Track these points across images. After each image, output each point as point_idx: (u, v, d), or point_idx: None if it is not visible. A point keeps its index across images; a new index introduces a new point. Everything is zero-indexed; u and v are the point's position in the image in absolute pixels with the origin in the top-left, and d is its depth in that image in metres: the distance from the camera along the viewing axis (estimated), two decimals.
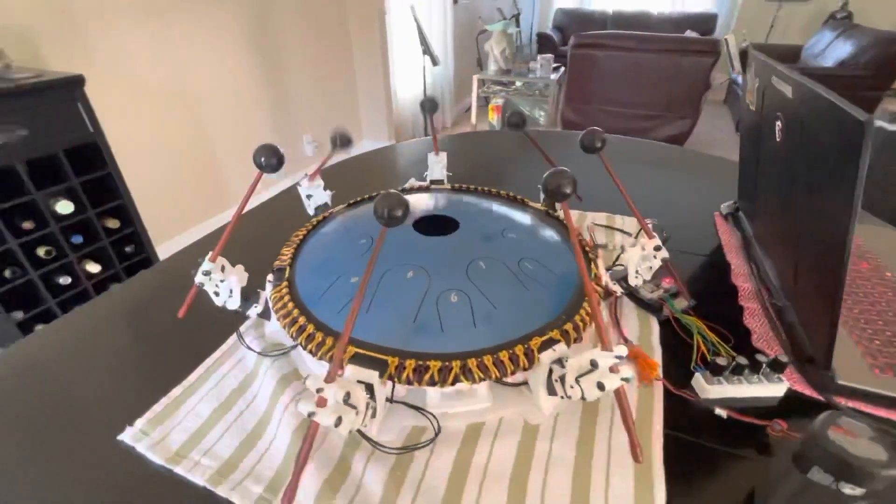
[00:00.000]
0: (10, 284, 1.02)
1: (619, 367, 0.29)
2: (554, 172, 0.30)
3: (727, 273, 0.53)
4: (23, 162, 0.99)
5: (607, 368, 0.29)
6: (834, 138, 0.31)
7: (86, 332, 0.48)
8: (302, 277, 0.42)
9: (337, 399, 0.27)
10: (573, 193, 0.30)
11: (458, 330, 0.35)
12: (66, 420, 0.37)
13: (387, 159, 0.93)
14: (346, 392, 0.27)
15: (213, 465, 0.32)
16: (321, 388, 0.27)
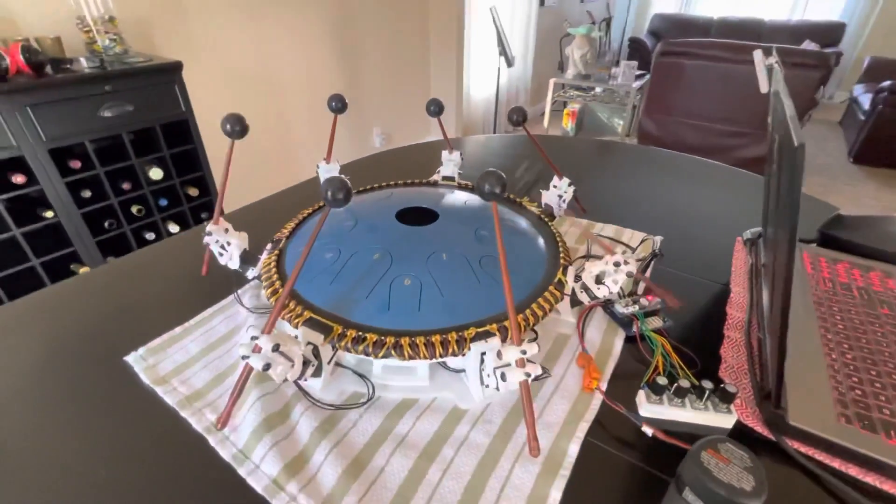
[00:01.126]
0: (108, 234, 1.21)
1: (526, 362, 0.31)
2: (486, 173, 0.32)
3: (724, 301, 0.50)
4: (127, 133, 1.18)
5: (514, 361, 0.31)
6: (785, 162, 0.30)
7: (129, 274, 0.57)
8: (292, 249, 0.47)
9: (267, 348, 0.32)
10: (502, 194, 0.32)
11: (402, 310, 0.38)
12: (92, 338, 0.46)
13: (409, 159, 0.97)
14: (275, 343, 0.32)
15: (185, 392, 0.39)
16: (256, 337, 0.32)
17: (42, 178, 1.06)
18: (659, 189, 0.79)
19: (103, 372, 0.41)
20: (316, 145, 2.19)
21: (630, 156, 0.95)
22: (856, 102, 3.23)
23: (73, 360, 0.43)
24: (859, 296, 0.48)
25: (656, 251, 0.53)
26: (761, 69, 0.50)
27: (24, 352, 0.44)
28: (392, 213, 0.48)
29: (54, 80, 1.02)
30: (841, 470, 0.32)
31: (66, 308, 0.51)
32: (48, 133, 1.05)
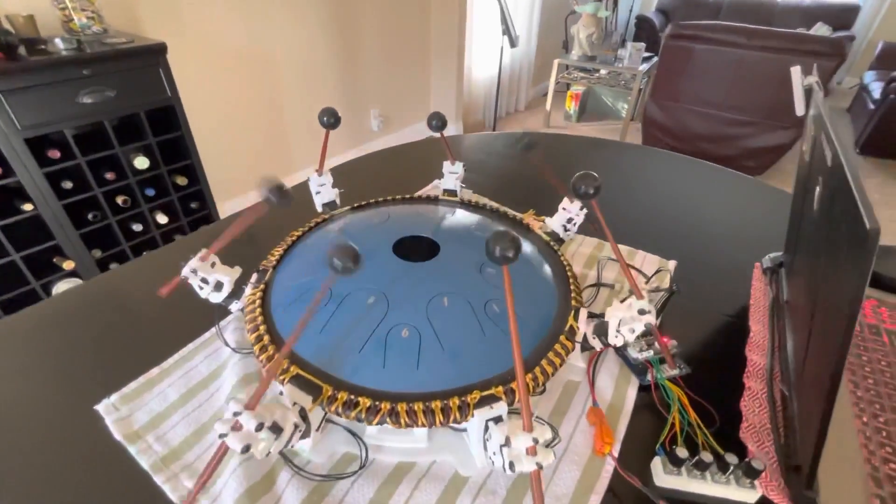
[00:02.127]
0: (91, 226, 1.16)
1: (536, 449, 0.27)
2: (498, 234, 0.28)
3: (743, 339, 0.47)
4: (109, 120, 1.11)
5: (523, 449, 0.28)
6: (848, 230, 0.26)
7: (96, 300, 0.53)
8: (279, 283, 0.43)
9: (249, 428, 0.28)
10: (516, 258, 0.28)
11: (399, 369, 0.34)
12: (62, 378, 0.42)
13: (409, 157, 0.91)
14: (259, 423, 0.28)
15: (160, 451, 0.35)
16: (238, 413, 0.28)
17: (19, 170, 1.00)
18: (670, 198, 0.75)
19: (72, 422, 0.38)
20: (308, 130, 2.11)
21: (634, 157, 0.90)
22: (866, 90, 3.14)
23: (41, 404, 0.40)
24: (889, 342, 0.45)
25: (673, 288, 0.50)
26: (798, 89, 0.45)
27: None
28: (389, 243, 0.44)
29: (28, 64, 0.95)
30: None
31: (37, 338, 0.47)
32: (23, 121, 0.98)
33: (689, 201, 0.75)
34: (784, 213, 0.55)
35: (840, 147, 0.29)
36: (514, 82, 3.37)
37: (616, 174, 0.84)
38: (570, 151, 0.93)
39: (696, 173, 0.85)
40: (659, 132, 2.74)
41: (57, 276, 1.16)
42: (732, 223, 0.70)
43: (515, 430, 0.28)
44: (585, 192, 0.38)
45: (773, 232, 0.64)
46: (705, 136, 2.57)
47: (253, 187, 1.96)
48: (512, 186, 0.78)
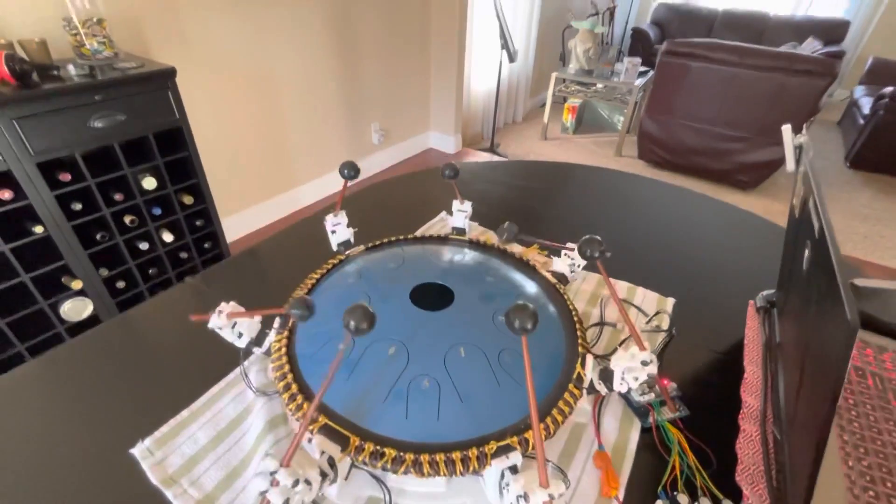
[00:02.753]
0: (99, 246, 1.18)
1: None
2: (517, 307, 0.31)
3: (739, 379, 0.50)
4: (118, 142, 1.13)
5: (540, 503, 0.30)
6: (831, 314, 0.29)
7: (118, 340, 0.55)
8: (302, 330, 0.46)
9: (287, 484, 0.30)
10: (534, 329, 0.31)
11: (421, 419, 0.37)
12: (93, 422, 0.44)
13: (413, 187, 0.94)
14: (295, 480, 0.30)
15: (196, 497, 0.38)
16: (276, 472, 0.31)
17: (30, 193, 1.02)
18: (668, 231, 0.78)
19: (108, 466, 0.40)
20: (314, 147, 2.13)
21: (632, 187, 0.93)
22: (856, 105, 3.22)
23: (76, 447, 0.42)
24: (874, 384, 0.48)
25: (673, 332, 0.53)
26: (789, 146, 0.48)
27: (18, 440, 0.43)
28: (406, 290, 0.47)
29: (42, 92, 0.97)
30: None
31: (64, 380, 0.49)
32: (36, 146, 1.00)
33: (686, 234, 0.78)
34: (778, 246, 0.58)
35: (826, 227, 0.32)
36: (513, 94, 3.41)
37: (614, 205, 0.87)
38: (569, 179, 0.96)
39: (693, 204, 0.88)
40: (654, 146, 2.79)
41: (65, 296, 1.17)
42: (728, 257, 0.73)
43: (532, 484, 0.31)
44: (591, 255, 0.41)
45: (767, 265, 0.67)
46: (699, 151, 2.62)
47: (255, 202, 1.98)
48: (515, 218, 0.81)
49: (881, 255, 2.08)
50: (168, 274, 1.39)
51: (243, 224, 1.96)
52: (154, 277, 1.36)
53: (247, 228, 1.98)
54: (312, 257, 0.58)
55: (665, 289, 0.63)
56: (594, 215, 0.84)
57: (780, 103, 2.29)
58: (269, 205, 2.03)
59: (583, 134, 3.39)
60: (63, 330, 1.19)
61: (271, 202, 2.04)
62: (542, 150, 3.10)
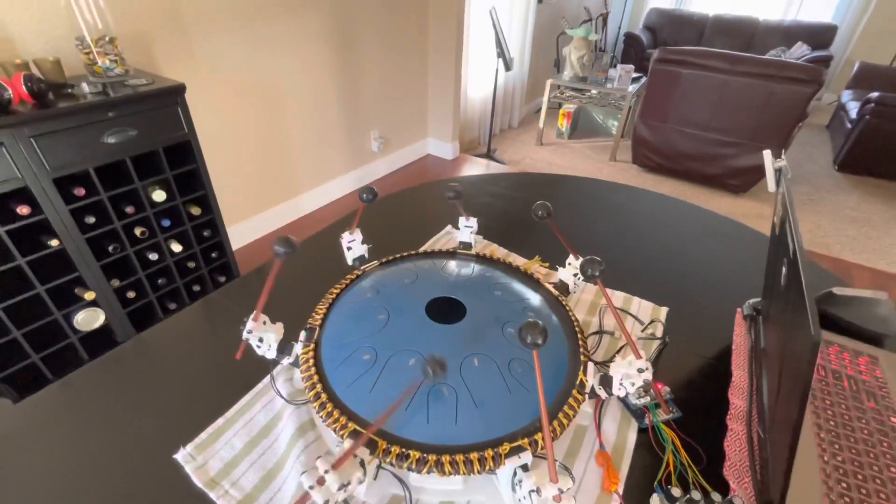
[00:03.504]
0: (111, 258, 1.21)
1: (562, 497, 0.34)
2: (528, 325, 0.35)
3: (727, 382, 0.55)
4: (130, 157, 1.17)
5: (550, 497, 0.34)
6: (799, 330, 0.33)
7: (162, 350, 0.59)
8: (327, 342, 0.50)
9: (332, 486, 0.34)
10: (544, 343, 0.35)
11: (441, 423, 0.41)
12: (135, 433, 0.48)
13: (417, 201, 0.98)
14: (341, 483, 0.34)
15: (237, 497, 0.41)
16: (327, 471, 0.34)
17: (47, 208, 1.05)
18: (661, 242, 0.83)
19: (153, 473, 0.44)
20: (315, 157, 2.17)
21: (627, 198, 0.98)
22: (843, 109, 3.29)
23: (122, 454, 0.45)
24: (849, 386, 0.52)
25: (666, 340, 0.57)
26: (770, 169, 0.53)
27: (64, 450, 0.46)
28: (421, 305, 0.51)
29: (59, 111, 1.00)
30: None
31: (102, 394, 0.53)
32: (52, 163, 1.03)
33: (678, 244, 0.83)
34: (764, 256, 0.63)
35: (799, 250, 0.37)
36: (508, 101, 3.47)
37: (610, 215, 0.92)
38: (566, 190, 1.01)
39: (686, 214, 0.93)
40: (648, 150, 2.85)
41: (78, 307, 1.20)
42: (718, 266, 0.77)
43: (543, 480, 0.35)
44: (592, 275, 0.45)
45: (755, 273, 0.72)
46: (692, 156, 2.68)
47: (259, 210, 2.02)
48: (517, 230, 0.85)
49: (868, 257, 2.14)
50: (176, 283, 1.42)
51: (248, 232, 2.00)
52: (163, 287, 1.39)
53: (251, 236, 2.02)
54: (326, 272, 0.62)
55: (659, 298, 0.67)
56: (592, 226, 0.88)
57: (770, 109, 2.36)
58: (272, 213, 2.07)
59: (578, 139, 3.44)
60: (76, 340, 1.23)
61: (275, 210, 2.08)
62: (537, 155, 3.15)
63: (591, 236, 0.85)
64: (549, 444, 0.35)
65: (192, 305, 0.66)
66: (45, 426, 0.48)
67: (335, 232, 0.82)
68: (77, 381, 0.54)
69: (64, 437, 0.47)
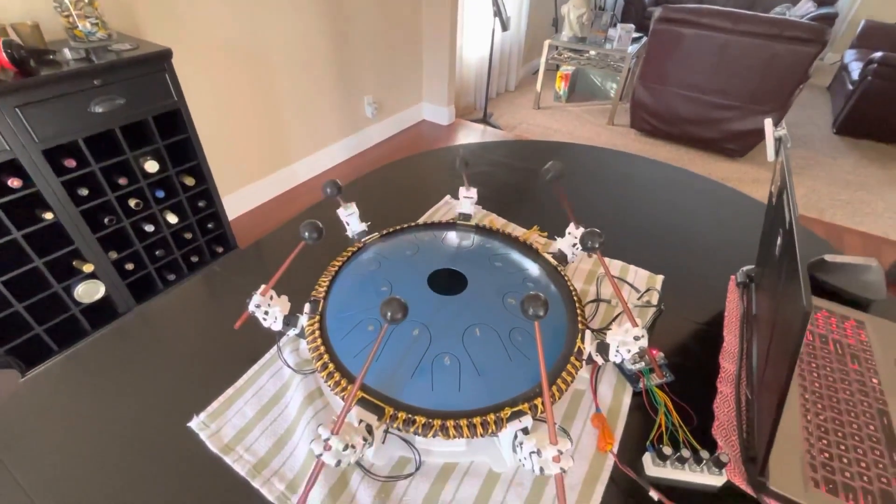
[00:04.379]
0: (107, 230, 1.21)
1: (561, 458, 0.36)
2: (530, 297, 0.36)
3: (719, 348, 0.57)
4: (119, 126, 1.14)
5: (550, 458, 0.36)
6: (791, 299, 0.34)
7: (167, 323, 0.60)
8: (331, 314, 0.51)
9: (338, 448, 0.36)
10: (545, 315, 0.36)
11: (445, 391, 0.43)
12: (146, 403, 0.50)
13: (415, 169, 0.97)
14: (345, 444, 0.36)
15: (251, 461, 0.44)
16: (329, 438, 0.36)
17: (38, 180, 1.04)
18: (659, 210, 0.84)
19: (167, 440, 0.46)
20: (308, 123, 2.12)
21: (625, 166, 0.98)
22: (846, 69, 3.23)
23: (137, 424, 0.47)
24: (835, 350, 0.54)
25: (661, 307, 0.59)
26: (770, 138, 0.53)
27: (77, 422, 0.48)
28: (424, 277, 0.52)
29: (42, 79, 0.97)
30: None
31: (111, 367, 0.54)
32: (40, 134, 1.01)
33: (676, 211, 0.84)
34: (759, 223, 0.64)
35: (795, 223, 0.37)
36: (505, 63, 3.37)
37: (609, 183, 0.92)
38: (565, 158, 1.00)
39: (684, 181, 0.93)
40: (646, 114, 2.80)
41: (77, 279, 1.21)
42: (714, 233, 0.78)
43: (544, 442, 0.37)
44: (592, 247, 0.46)
45: (749, 241, 0.73)
46: (691, 119, 2.65)
47: (253, 180, 1.99)
48: (516, 199, 0.85)
49: (860, 221, 2.16)
50: (174, 255, 1.42)
51: (243, 201, 1.98)
52: (161, 259, 1.39)
53: (247, 206, 2.00)
54: (327, 244, 0.62)
55: (655, 266, 0.69)
56: (591, 194, 0.88)
57: (771, 71, 2.31)
58: (266, 182, 2.04)
59: (575, 102, 3.38)
60: (78, 312, 1.24)
61: (268, 179, 2.05)
62: (534, 119, 3.10)
63: (589, 204, 0.85)
64: (550, 409, 0.36)
65: (194, 278, 0.67)
66: (57, 398, 0.50)
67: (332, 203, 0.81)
68: (85, 354, 0.55)
69: (77, 408, 0.49)
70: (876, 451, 0.44)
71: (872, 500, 0.40)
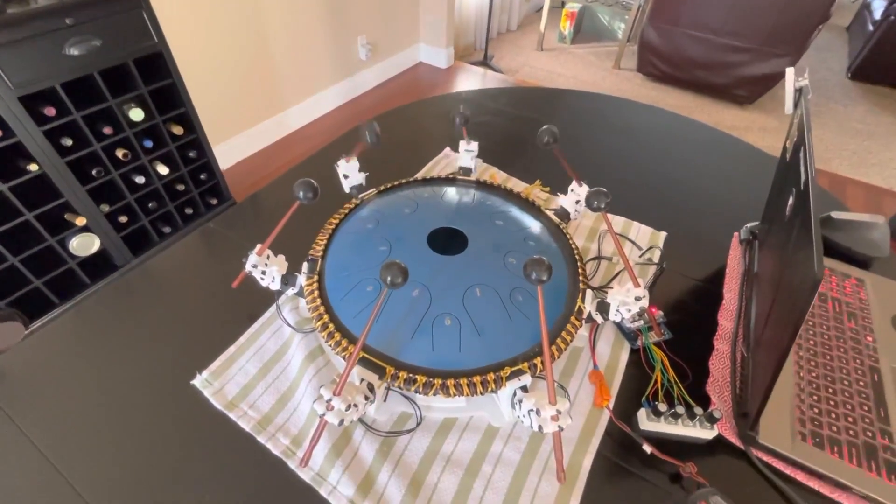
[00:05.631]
0: (96, 182, 1.17)
1: (559, 417, 0.37)
2: (533, 261, 0.35)
3: (718, 305, 0.57)
4: (98, 71, 1.07)
5: (548, 417, 0.37)
6: (801, 262, 0.33)
7: (167, 280, 0.59)
8: (330, 273, 0.50)
9: (340, 408, 0.37)
10: (549, 279, 0.35)
11: (445, 350, 0.43)
12: (148, 362, 0.50)
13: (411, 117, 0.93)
14: (348, 405, 0.37)
15: (256, 417, 0.45)
16: (331, 399, 0.37)
17: (18, 130, 0.99)
18: (663, 162, 0.81)
19: (172, 397, 0.47)
20: (299, 67, 2.01)
21: (630, 115, 0.94)
22: (867, 9, 3.04)
23: (140, 383, 0.48)
24: (833, 308, 0.55)
25: (663, 266, 0.58)
26: (790, 88, 0.50)
27: (83, 378, 0.49)
28: (423, 236, 0.51)
29: (9, 17, 0.90)
30: (793, 477, 0.42)
31: (111, 324, 0.54)
32: (14, 79, 0.95)
33: (680, 164, 0.81)
34: (767, 178, 0.62)
35: (811, 184, 0.36)
36: (507, 0, 3.15)
37: (612, 133, 0.88)
38: (568, 106, 0.96)
39: (689, 131, 0.90)
40: (654, 57, 2.67)
41: (71, 232, 1.19)
42: (719, 188, 0.76)
43: (542, 401, 0.38)
44: (598, 207, 0.44)
45: (755, 197, 0.71)
46: (701, 63, 2.52)
47: (244, 128, 1.92)
48: (517, 152, 0.83)
49: (866, 172, 2.13)
50: (168, 207, 1.40)
51: (235, 151, 1.92)
52: (154, 211, 1.37)
53: (239, 156, 1.94)
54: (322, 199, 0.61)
55: (658, 222, 0.68)
56: (594, 144, 0.85)
57: (791, 9, 2.17)
58: (258, 130, 1.97)
59: (580, 44, 3.20)
60: (75, 265, 1.23)
61: (260, 127, 1.98)
62: (537, 62, 2.95)
63: (592, 155, 0.83)
64: (550, 371, 0.37)
65: (191, 235, 0.66)
66: (62, 353, 0.50)
67: (327, 156, 0.78)
68: (88, 309, 0.55)
69: (81, 364, 0.49)
70: (864, 407, 0.45)
71: (857, 452, 0.41)
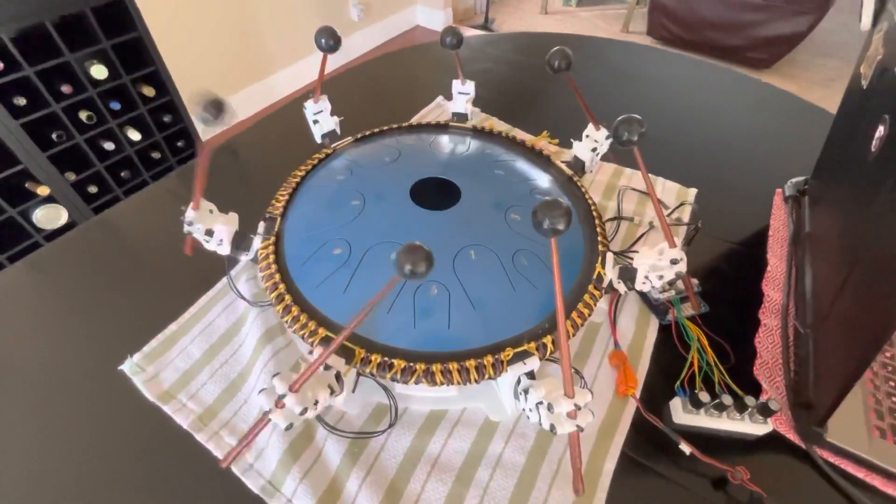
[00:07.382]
0: (58, 147, 1.07)
1: (577, 414, 0.28)
2: (547, 203, 0.25)
3: (761, 273, 0.47)
4: (51, 20, 0.96)
5: (564, 413, 0.28)
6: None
7: (97, 248, 0.50)
8: (290, 234, 0.40)
9: (293, 410, 0.28)
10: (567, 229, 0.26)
11: (430, 328, 0.34)
12: (77, 337, 0.41)
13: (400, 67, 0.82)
14: (303, 408, 0.28)
15: (197, 411, 0.36)
16: (284, 395, 0.28)
17: None
18: (690, 112, 0.71)
19: (99, 384, 0.38)
20: (286, 28, 1.87)
21: (650, 64, 0.82)
22: None
23: (62, 365, 0.39)
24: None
25: (697, 225, 0.48)
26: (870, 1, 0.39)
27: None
28: (405, 187, 0.41)
29: None
30: (866, 481, 0.33)
31: (41, 290, 0.45)
32: None
33: (708, 115, 0.71)
34: (812, 129, 0.52)
35: None
36: None
37: (628, 83, 0.77)
38: (579, 54, 0.85)
39: (715, 80, 0.79)
40: (666, 19, 2.50)
41: (34, 203, 1.09)
42: (754, 141, 0.66)
43: (555, 393, 0.29)
44: (629, 140, 0.34)
45: (799, 150, 0.61)
46: (715, 24, 2.36)
47: (226, 93, 1.79)
48: (521, 101, 0.72)
49: None
50: (143, 176, 1.30)
51: None
52: (128, 181, 1.27)
53: None
54: (295, 151, 0.51)
55: (686, 178, 0.58)
56: (611, 95, 0.74)
57: None
58: (241, 97, 1.85)
59: (587, 6, 3.02)
60: (41, 239, 1.14)
61: (243, 94, 1.85)
62: (541, 25, 2.78)
63: (609, 106, 0.72)
64: (567, 353, 0.27)
65: (147, 189, 0.56)
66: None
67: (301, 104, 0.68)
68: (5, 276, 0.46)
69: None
70: None
71: None
